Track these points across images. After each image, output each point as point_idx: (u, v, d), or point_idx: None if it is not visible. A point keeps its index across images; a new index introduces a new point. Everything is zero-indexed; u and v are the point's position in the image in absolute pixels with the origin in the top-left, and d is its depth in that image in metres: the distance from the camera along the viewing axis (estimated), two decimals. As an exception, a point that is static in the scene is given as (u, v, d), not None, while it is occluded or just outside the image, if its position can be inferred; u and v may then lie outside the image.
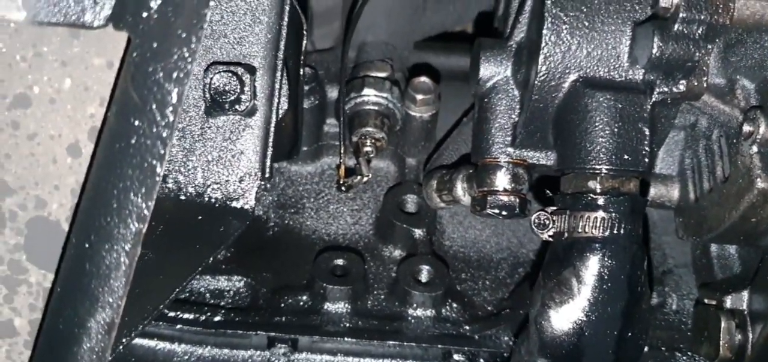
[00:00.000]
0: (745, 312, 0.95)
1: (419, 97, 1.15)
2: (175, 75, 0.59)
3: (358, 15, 1.10)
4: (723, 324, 0.95)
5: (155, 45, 0.60)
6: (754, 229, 0.88)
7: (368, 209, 1.19)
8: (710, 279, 1.03)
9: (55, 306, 0.69)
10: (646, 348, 1.07)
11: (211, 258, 0.86)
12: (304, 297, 1.08)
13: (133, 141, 0.61)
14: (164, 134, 0.60)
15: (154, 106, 0.60)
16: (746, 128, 0.84)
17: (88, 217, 0.65)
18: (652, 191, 0.99)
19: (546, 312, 0.82)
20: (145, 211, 0.61)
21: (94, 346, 0.65)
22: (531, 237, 1.17)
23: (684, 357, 1.10)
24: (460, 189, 0.98)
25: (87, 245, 0.64)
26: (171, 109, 0.60)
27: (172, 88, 0.59)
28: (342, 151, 1.12)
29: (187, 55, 0.59)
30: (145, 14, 0.61)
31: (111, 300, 0.64)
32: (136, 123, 0.61)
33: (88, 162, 0.73)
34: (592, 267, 0.80)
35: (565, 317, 0.81)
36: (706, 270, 1.04)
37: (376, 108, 1.12)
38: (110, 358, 0.69)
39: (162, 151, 0.60)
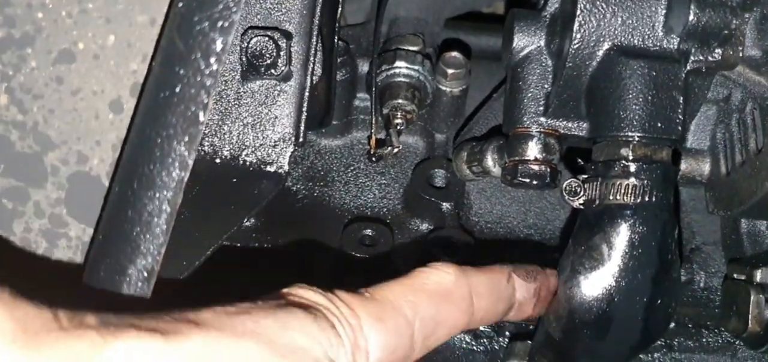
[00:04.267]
0: (776, 287, 0.95)
1: (450, 71, 1.16)
2: (219, 24, 0.60)
3: (391, -12, 1.11)
4: (752, 298, 0.95)
5: (201, -6, 0.62)
6: (787, 203, 0.88)
7: (396, 183, 1.20)
8: (740, 254, 1.03)
9: (96, 252, 0.70)
10: (672, 324, 1.09)
11: (244, 220, 0.87)
12: (333, 266, 1.10)
13: (177, 89, 0.62)
14: (208, 83, 0.61)
15: (198, 55, 0.61)
16: (781, 100, 0.84)
17: (132, 164, 0.67)
18: (683, 166, 0.99)
19: (575, 278, 0.82)
20: (188, 159, 0.62)
21: (134, 293, 0.67)
22: (558, 214, 1.17)
23: (711, 334, 1.10)
24: (491, 160, 0.99)
25: (129, 192, 0.66)
26: (215, 58, 0.61)
27: (216, 37, 0.61)
28: (374, 122, 1.13)
29: (232, 4, 0.60)
30: (191, -35, 0.62)
31: (152, 247, 0.65)
32: (181, 71, 0.62)
33: (129, 118, 0.75)
34: (622, 233, 0.81)
35: (594, 283, 0.81)
36: (736, 246, 1.04)
37: (407, 80, 1.13)
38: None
39: (205, 100, 0.61)
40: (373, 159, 1.14)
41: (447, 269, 0.73)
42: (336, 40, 1.02)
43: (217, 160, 0.89)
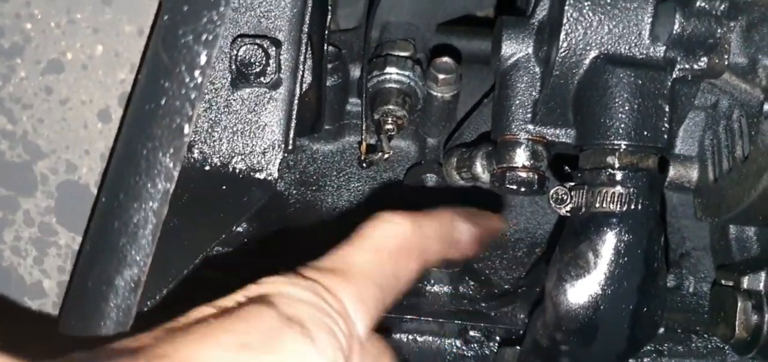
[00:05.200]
0: (762, 293, 0.95)
1: (441, 76, 1.16)
2: (204, 38, 0.61)
3: (381, -6, 1.11)
4: (739, 305, 0.96)
5: (186, 9, 0.62)
6: (773, 209, 0.88)
7: (389, 187, 1.20)
8: (728, 260, 1.03)
9: (83, 263, 0.71)
10: (661, 329, 1.09)
11: (234, 227, 0.87)
12: (324, 272, 1.10)
13: (162, 102, 0.63)
14: (192, 95, 0.61)
15: (183, 68, 0.62)
16: (767, 107, 0.84)
17: (118, 176, 0.67)
18: (672, 172, 0.99)
19: (562, 286, 0.83)
20: (173, 171, 0.63)
21: (121, 303, 0.67)
22: (548, 218, 1.17)
23: (700, 340, 1.11)
24: (480, 166, 0.99)
25: (116, 203, 0.66)
26: (199, 71, 0.61)
27: (200, 51, 0.61)
28: (364, 128, 1.14)
29: (216, 18, 0.61)
30: (175, -21, 0.63)
31: (138, 257, 0.66)
32: (166, 84, 0.62)
33: (117, 127, 0.75)
34: (608, 241, 0.81)
35: (580, 291, 0.82)
36: (724, 252, 1.04)
37: (397, 86, 1.13)
38: (135, 317, 0.71)
39: (190, 112, 0.61)
40: (364, 165, 1.14)
41: (400, 221, 0.72)
42: (326, 47, 1.02)
43: (207, 168, 0.90)
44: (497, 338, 1.09)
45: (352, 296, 0.64)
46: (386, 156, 1.13)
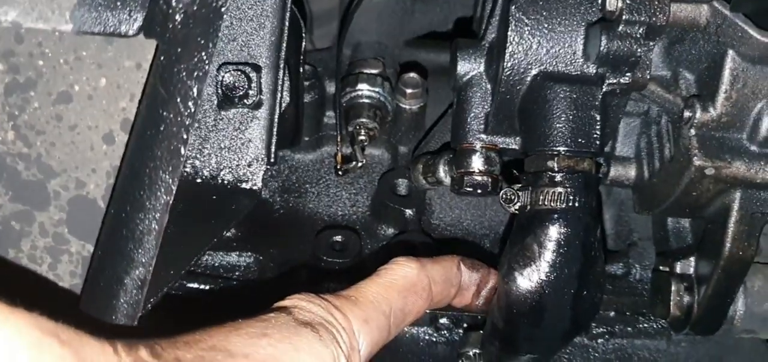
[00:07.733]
0: (692, 276, 1.07)
1: (409, 90, 1.28)
2: (195, 74, 0.72)
3: (350, 17, 1.23)
4: (673, 287, 1.06)
5: (179, 50, 0.73)
6: (695, 202, 0.99)
7: (364, 192, 1.31)
8: (666, 248, 1.14)
9: (96, 266, 0.82)
10: (612, 313, 1.21)
11: (224, 232, 0.98)
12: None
13: (161, 128, 0.74)
14: (187, 122, 0.72)
15: (178, 99, 0.72)
16: (686, 114, 0.96)
17: (125, 191, 0.78)
18: (612, 171, 1.10)
19: (512, 275, 0.93)
20: (172, 186, 0.74)
21: (130, 299, 0.78)
22: (509, 217, 1.28)
23: (647, 321, 1.23)
24: (442, 171, 1.10)
25: (124, 214, 0.77)
26: (192, 101, 0.72)
27: (193, 85, 0.72)
28: (339, 140, 1.25)
29: (205, 57, 0.72)
30: (170, 25, 0.74)
31: (144, 260, 0.77)
32: (164, 113, 0.73)
33: (120, 149, 0.86)
34: (551, 234, 0.91)
35: (528, 278, 0.92)
36: (663, 241, 1.15)
37: (369, 101, 1.25)
38: (141, 313, 0.82)
39: (185, 136, 0.72)
40: (340, 173, 1.25)
41: (410, 264, 0.87)
42: (302, 68, 1.14)
43: (198, 180, 0.99)
44: (464, 324, 1.20)
45: (358, 317, 0.77)
46: (360, 164, 1.24)
